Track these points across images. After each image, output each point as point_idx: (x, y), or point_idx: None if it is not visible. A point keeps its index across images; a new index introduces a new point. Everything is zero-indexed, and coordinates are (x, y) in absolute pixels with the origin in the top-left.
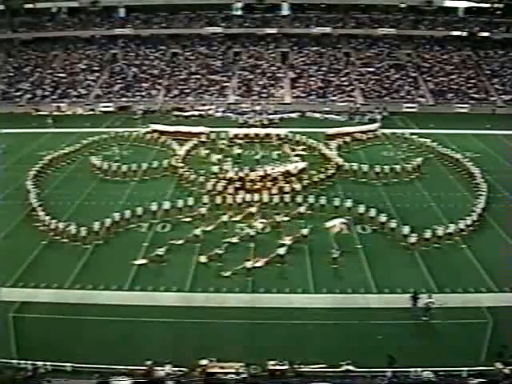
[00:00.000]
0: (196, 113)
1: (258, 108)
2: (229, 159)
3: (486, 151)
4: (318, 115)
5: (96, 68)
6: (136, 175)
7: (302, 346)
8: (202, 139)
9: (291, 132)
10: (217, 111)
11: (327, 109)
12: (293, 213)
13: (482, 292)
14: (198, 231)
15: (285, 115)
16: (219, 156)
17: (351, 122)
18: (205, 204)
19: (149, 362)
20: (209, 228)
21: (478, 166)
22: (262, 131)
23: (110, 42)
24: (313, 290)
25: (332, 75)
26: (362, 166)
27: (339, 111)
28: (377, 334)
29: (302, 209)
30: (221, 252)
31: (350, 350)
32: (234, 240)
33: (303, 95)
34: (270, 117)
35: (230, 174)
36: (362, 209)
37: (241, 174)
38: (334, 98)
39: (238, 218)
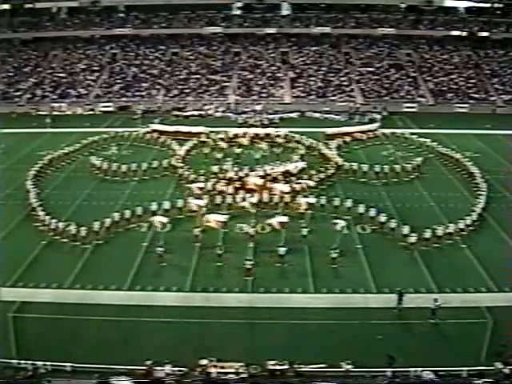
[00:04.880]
0: (196, 113)
1: (257, 108)
2: (229, 159)
3: (485, 151)
4: (317, 115)
5: (96, 68)
6: (136, 175)
7: (302, 346)
8: (202, 139)
9: (291, 132)
10: (217, 111)
11: (327, 109)
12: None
13: (482, 292)
14: (197, 231)
15: (285, 115)
16: (219, 156)
17: (351, 121)
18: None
19: (149, 362)
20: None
21: (477, 166)
22: (261, 131)
23: (110, 42)
24: (313, 289)
25: (332, 75)
26: (362, 165)
27: (339, 111)
28: (377, 334)
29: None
30: (220, 252)
31: (350, 349)
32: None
33: (303, 95)
34: (270, 117)
35: (230, 174)
36: (361, 209)
37: (241, 174)
38: (333, 98)
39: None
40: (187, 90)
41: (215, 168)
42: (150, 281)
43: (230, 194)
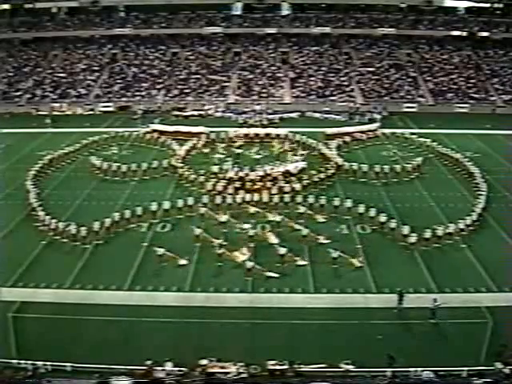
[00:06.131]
0: (196, 113)
1: (257, 108)
2: (229, 159)
3: (486, 151)
4: (317, 115)
5: (96, 68)
6: (136, 175)
7: (302, 346)
8: (202, 139)
9: (291, 132)
10: (217, 111)
11: (327, 109)
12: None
13: (482, 292)
14: (197, 231)
15: (285, 115)
16: (219, 156)
17: (351, 121)
18: (205, 204)
19: (149, 362)
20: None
21: (477, 166)
22: (261, 131)
23: (110, 42)
24: (313, 289)
25: (332, 75)
26: (362, 165)
27: (339, 111)
28: (377, 334)
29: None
30: (220, 252)
31: (350, 349)
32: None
33: (303, 95)
34: (270, 117)
35: (230, 174)
36: (361, 209)
37: (241, 174)
38: (333, 98)
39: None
40: (187, 90)
41: (215, 168)
42: (149, 281)
43: (230, 194)
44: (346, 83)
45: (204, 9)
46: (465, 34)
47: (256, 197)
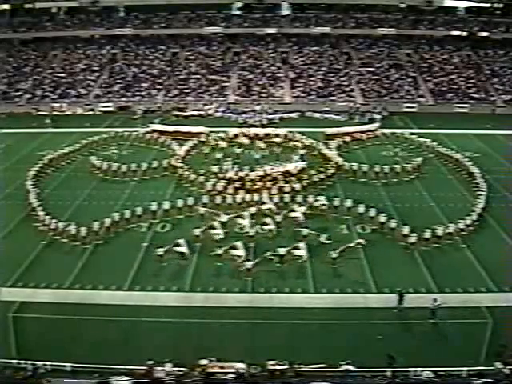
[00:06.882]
0: (196, 113)
1: (257, 108)
2: (229, 159)
3: (485, 151)
4: (317, 115)
5: (96, 68)
6: (136, 175)
7: (302, 346)
8: (202, 139)
9: (291, 132)
10: (216, 111)
11: (327, 109)
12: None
13: (482, 292)
14: (197, 231)
15: (285, 115)
16: (219, 155)
17: (351, 121)
18: (204, 204)
19: (149, 362)
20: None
21: (477, 166)
22: (261, 131)
23: (110, 42)
24: (312, 289)
25: (332, 75)
26: (362, 165)
27: (339, 111)
28: (377, 334)
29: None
30: (220, 252)
31: (350, 349)
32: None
33: (303, 95)
34: (270, 117)
35: (230, 174)
36: (361, 209)
37: (241, 174)
38: (333, 98)
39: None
40: (187, 90)
41: (215, 168)
42: (149, 281)
43: (230, 194)
44: (346, 83)
45: (204, 9)
46: (465, 34)
47: (256, 197)
